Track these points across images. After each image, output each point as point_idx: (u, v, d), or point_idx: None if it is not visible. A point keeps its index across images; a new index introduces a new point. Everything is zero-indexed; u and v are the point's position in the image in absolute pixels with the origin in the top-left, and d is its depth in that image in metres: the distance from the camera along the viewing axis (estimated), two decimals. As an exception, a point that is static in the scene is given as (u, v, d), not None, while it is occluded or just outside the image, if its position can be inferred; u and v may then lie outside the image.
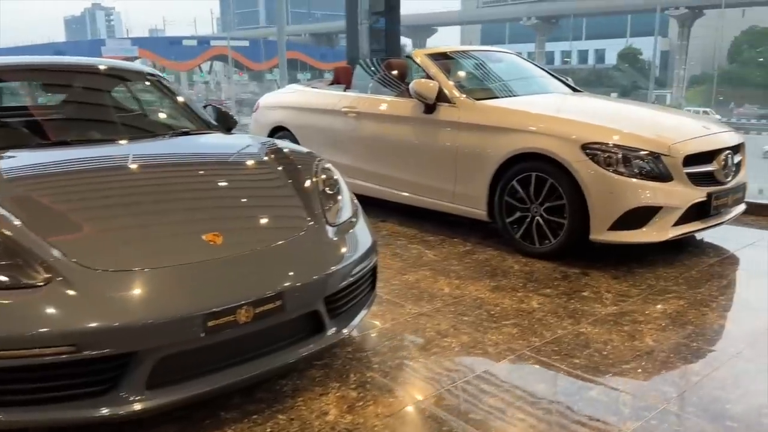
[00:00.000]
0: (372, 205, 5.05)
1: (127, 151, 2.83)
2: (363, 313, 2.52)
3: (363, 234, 2.58)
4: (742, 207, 4.04)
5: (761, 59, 47.15)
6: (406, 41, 72.27)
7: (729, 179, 3.78)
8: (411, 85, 4.33)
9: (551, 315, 2.99)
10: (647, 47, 53.21)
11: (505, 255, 3.92)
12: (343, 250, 2.39)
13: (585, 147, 3.55)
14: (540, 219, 3.80)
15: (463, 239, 4.28)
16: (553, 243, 3.75)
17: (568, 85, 5.10)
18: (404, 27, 65.77)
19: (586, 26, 65.68)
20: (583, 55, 67.39)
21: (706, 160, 3.68)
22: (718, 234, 4.14)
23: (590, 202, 3.54)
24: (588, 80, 54.59)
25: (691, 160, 3.58)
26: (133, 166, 2.68)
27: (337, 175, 2.79)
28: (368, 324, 2.90)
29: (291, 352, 2.14)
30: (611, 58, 61.11)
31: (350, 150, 5.02)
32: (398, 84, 4.85)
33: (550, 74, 5.22)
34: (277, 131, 5.70)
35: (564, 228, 3.68)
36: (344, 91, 5.26)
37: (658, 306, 3.08)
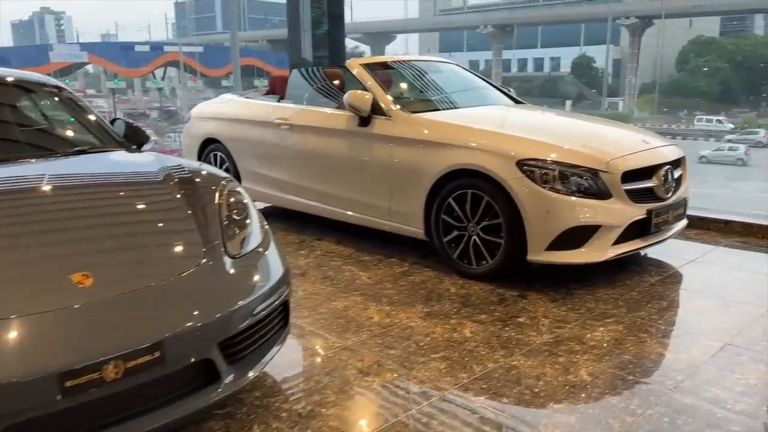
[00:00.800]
0: (311, 222, 4.82)
1: (11, 172, 2.52)
2: (274, 351, 2.27)
3: (272, 265, 2.34)
4: (683, 222, 3.94)
5: (705, 68, 48.65)
6: (365, 48, 72.23)
7: (669, 195, 3.66)
8: (345, 97, 4.10)
9: (484, 345, 2.79)
10: (601, 55, 54.41)
11: (442, 276, 3.72)
12: (245, 286, 2.14)
13: (521, 164, 3.38)
14: (477, 238, 3.61)
15: (401, 259, 4.06)
16: (491, 264, 3.57)
17: (510, 97, 4.96)
18: (363, 34, 65.76)
19: (542, 34, 66.83)
20: (539, 63, 68.52)
21: (645, 176, 3.56)
22: (661, 250, 4.03)
23: (527, 222, 3.37)
24: (544, 88, 55.54)
25: (630, 176, 3.45)
26: (17, 189, 2.38)
27: (246, 199, 2.53)
28: (283, 362, 2.65)
29: (178, 407, 1.88)
30: (566, 66, 62.26)
31: (284, 164, 4.76)
32: (335, 95, 4.62)
33: (492, 85, 5.08)
34: (209, 143, 5.40)
35: (501, 248, 3.50)
36: (278, 101, 5.01)
37: (596, 333, 2.91)
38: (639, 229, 3.50)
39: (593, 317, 3.09)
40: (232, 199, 2.46)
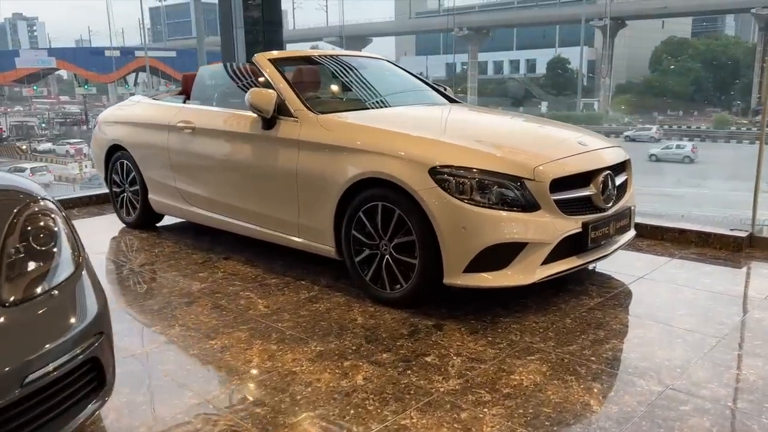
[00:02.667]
0: (225, 238, 4.28)
1: None
2: (73, 424, 1.74)
3: (73, 310, 1.80)
4: (630, 234, 3.47)
5: (678, 68, 48.83)
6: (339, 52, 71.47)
7: (610, 204, 3.18)
8: (246, 96, 3.57)
9: (375, 397, 2.28)
10: (576, 57, 54.49)
11: (352, 303, 3.21)
12: (13, 346, 1.60)
13: (434, 171, 2.88)
14: (390, 258, 3.10)
15: (312, 282, 3.54)
16: (405, 288, 3.06)
17: (446, 96, 4.47)
18: (338, 37, 65.28)
19: (517, 37, 66.90)
20: (515, 65, 68.52)
21: (580, 184, 3.08)
22: (608, 265, 3.58)
23: (441, 239, 2.87)
24: (518, 89, 55.45)
25: (562, 184, 2.97)
26: None
27: (57, 225, 1.98)
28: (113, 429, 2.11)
29: None
30: (542, 68, 62.29)
31: (188, 173, 4.22)
32: (243, 94, 4.09)
33: (426, 83, 4.58)
34: (116, 151, 4.84)
35: (415, 270, 3.00)
36: (184, 102, 4.46)
37: (514, 375, 2.41)
38: (574, 246, 3.02)
39: (514, 353, 2.59)
40: (33, 225, 1.92)
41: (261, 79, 3.82)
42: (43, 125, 53.79)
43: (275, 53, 4.05)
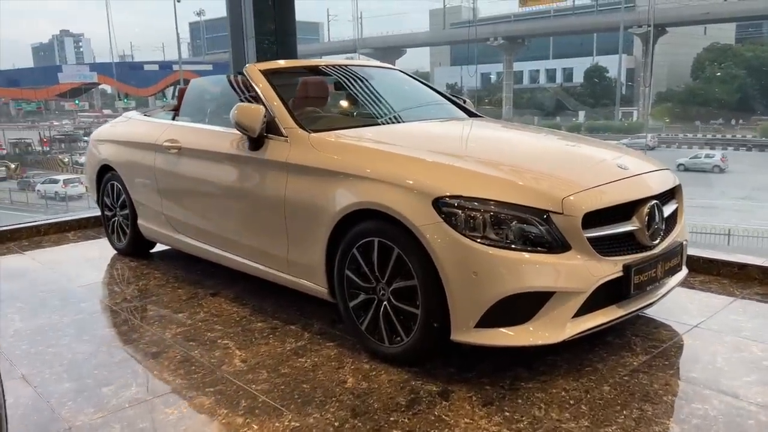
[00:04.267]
0: (217, 270, 3.81)
1: None
2: None
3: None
4: (681, 274, 2.88)
5: (722, 76, 47.11)
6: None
7: (657, 241, 2.61)
8: (231, 112, 3.11)
9: (351, 501, 1.76)
10: (614, 65, 53.26)
11: (345, 357, 2.70)
12: None
13: (438, 202, 2.36)
14: (388, 305, 2.59)
15: (303, 327, 3.05)
16: (406, 342, 2.54)
17: (465, 110, 3.94)
18: (372, 49, 65.43)
19: (554, 45, 65.94)
20: (551, 74, 67.48)
21: (620, 217, 2.51)
22: (653, 307, 2.99)
23: (447, 286, 2.34)
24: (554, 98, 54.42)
25: (598, 218, 2.41)
26: None
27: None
28: None
29: None
30: (579, 77, 61.10)
31: (174, 197, 3.79)
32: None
33: (443, 95, 4.07)
34: (106, 171, 4.45)
35: (417, 321, 2.47)
36: (173, 119, 4.04)
37: (535, 472, 1.87)
38: (613, 293, 2.45)
39: (537, 437, 2.05)
40: None
41: (252, 93, 3.36)
42: (85, 138, 54.95)
43: (267, 64, 3.60)
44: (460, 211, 2.33)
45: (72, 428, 2.20)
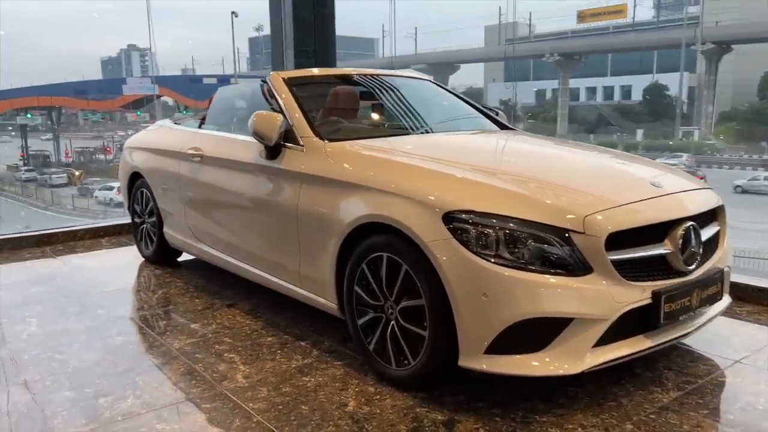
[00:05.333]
0: (238, 280, 3.72)
1: None
2: None
3: None
4: (722, 304, 2.62)
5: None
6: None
7: (693, 267, 2.37)
8: (250, 120, 3.04)
9: None
10: (675, 83, 51.65)
11: (350, 379, 2.56)
12: None
13: (449, 218, 2.21)
14: (396, 325, 2.44)
15: (313, 344, 2.93)
16: (413, 365, 2.38)
17: (498, 122, 3.77)
18: (426, 64, 65.57)
19: (612, 62, 64.61)
20: (608, 92, 66.10)
21: (652, 239, 2.30)
22: (692, 338, 2.74)
23: (456, 308, 2.18)
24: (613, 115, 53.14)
25: (625, 239, 2.20)
26: None
27: None
28: None
29: None
30: (638, 95, 59.58)
31: (195, 206, 3.75)
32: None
33: (475, 107, 3.91)
34: (137, 178, 4.47)
35: (425, 343, 2.31)
36: (199, 127, 4.01)
37: None
38: (641, 322, 2.24)
39: (544, 479, 1.85)
40: None
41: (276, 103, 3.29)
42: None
43: (291, 72, 3.53)
44: (471, 228, 2.17)
45: (59, 440, 2.14)
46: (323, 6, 6.23)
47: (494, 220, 2.16)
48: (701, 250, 2.41)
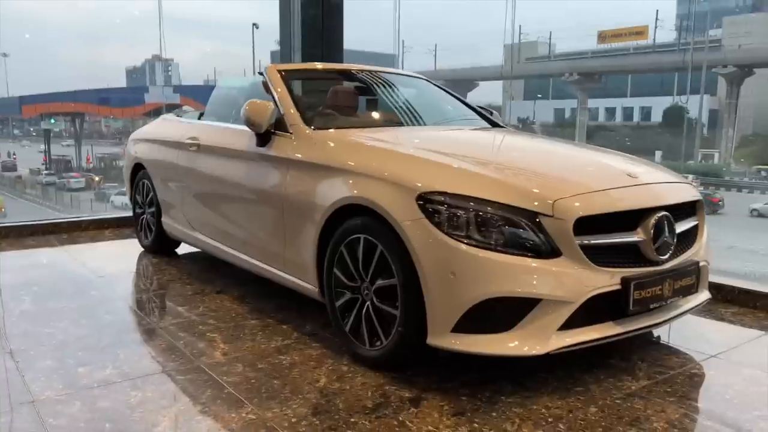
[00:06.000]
0: (233, 269, 3.78)
1: None
2: None
3: None
4: (700, 298, 2.63)
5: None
6: (446, 95, 71.54)
7: (666, 257, 2.39)
8: (242, 108, 3.12)
9: (279, 496, 1.65)
10: (695, 105, 51.28)
11: (325, 359, 2.59)
12: None
13: (422, 199, 2.25)
14: (371, 306, 2.48)
15: (295, 327, 2.98)
16: (385, 345, 2.41)
17: (490, 121, 3.82)
18: (444, 81, 65.86)
19: (632, 83, 64.39)
20: (628, 113, 65.77)
21: (624, 227, 2.32)
22: (674, 334, 2.74)
23: (425, 285, 2.21)
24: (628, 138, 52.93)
25: (594, 224, 2.23)
26: None
27: None
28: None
29: None
30: (657, 116, 59.22)
31: (190, 194, 3.83)
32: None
33: (470, 107, 3.96)
34: (139, 169, 4.57)
35: (396, 322, 2.35)
36: (199, 118, 4.11)
37: (485, 487, 1.70)
38: (611, 308, 2.26)
39: (500, 453, 1.87)
40: None
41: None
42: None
43: (287, 65, 3.61)
44: (443, 209, 2.21)
45: (35, 401, 2.19)
46: (331, 17, 6.37)
47: (466, 202, 2.20)
48: (675, 241, 2.42)
